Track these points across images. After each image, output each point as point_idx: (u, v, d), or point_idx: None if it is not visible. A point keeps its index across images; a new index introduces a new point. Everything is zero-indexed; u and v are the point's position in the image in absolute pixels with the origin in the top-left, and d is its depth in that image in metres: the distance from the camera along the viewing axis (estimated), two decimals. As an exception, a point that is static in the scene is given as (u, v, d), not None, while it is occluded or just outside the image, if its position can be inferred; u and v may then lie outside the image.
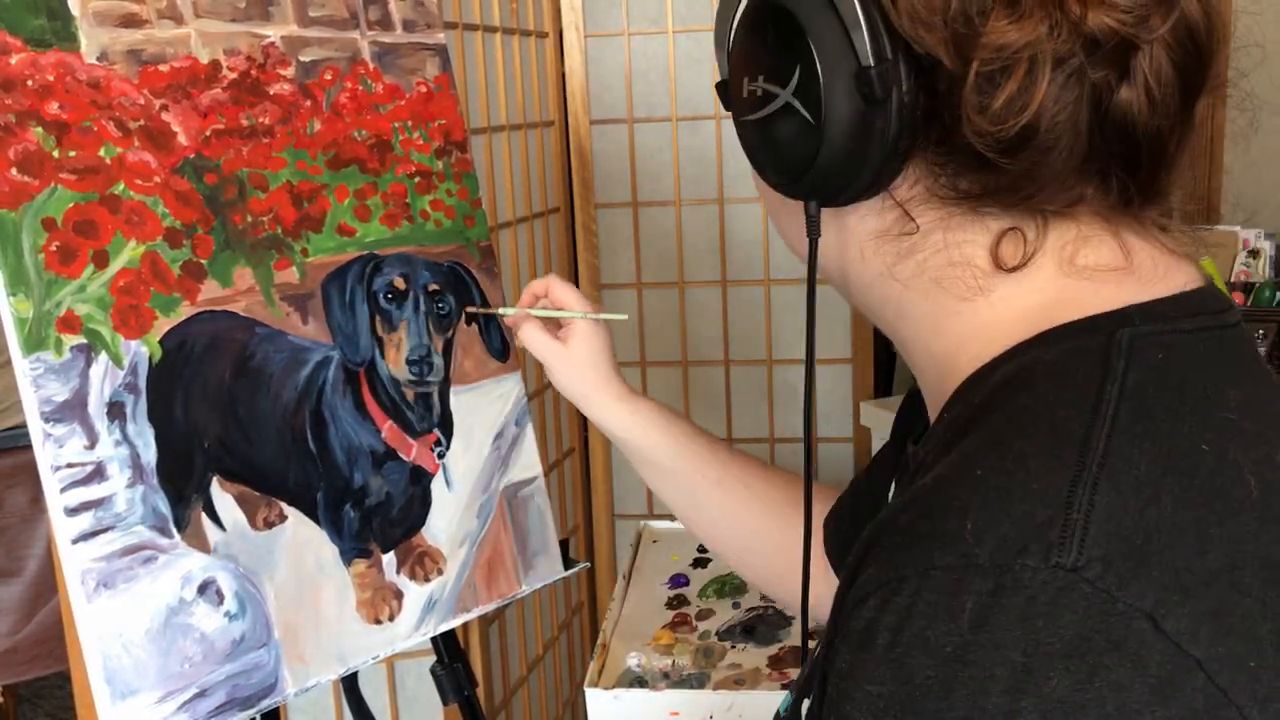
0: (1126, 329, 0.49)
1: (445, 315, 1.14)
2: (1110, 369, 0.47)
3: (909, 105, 0.49)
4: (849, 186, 0.53)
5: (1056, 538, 0.42)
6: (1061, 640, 0.40)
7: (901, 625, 0.43)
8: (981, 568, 0.42)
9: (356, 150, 1.10)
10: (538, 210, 2.04)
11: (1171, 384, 0.47)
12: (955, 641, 0.41)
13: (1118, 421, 0.45)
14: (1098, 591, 0.41)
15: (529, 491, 1.21)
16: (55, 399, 0.86)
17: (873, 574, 0.45)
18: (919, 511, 0.46)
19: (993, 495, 0.44)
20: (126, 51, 0.94)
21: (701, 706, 1.19)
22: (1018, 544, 0.42)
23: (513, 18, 1.95)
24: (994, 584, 0.41)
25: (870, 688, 0.43)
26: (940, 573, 0.43)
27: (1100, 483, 0.43)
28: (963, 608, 0.41)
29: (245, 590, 0.95)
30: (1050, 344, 0.50)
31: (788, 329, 2.24)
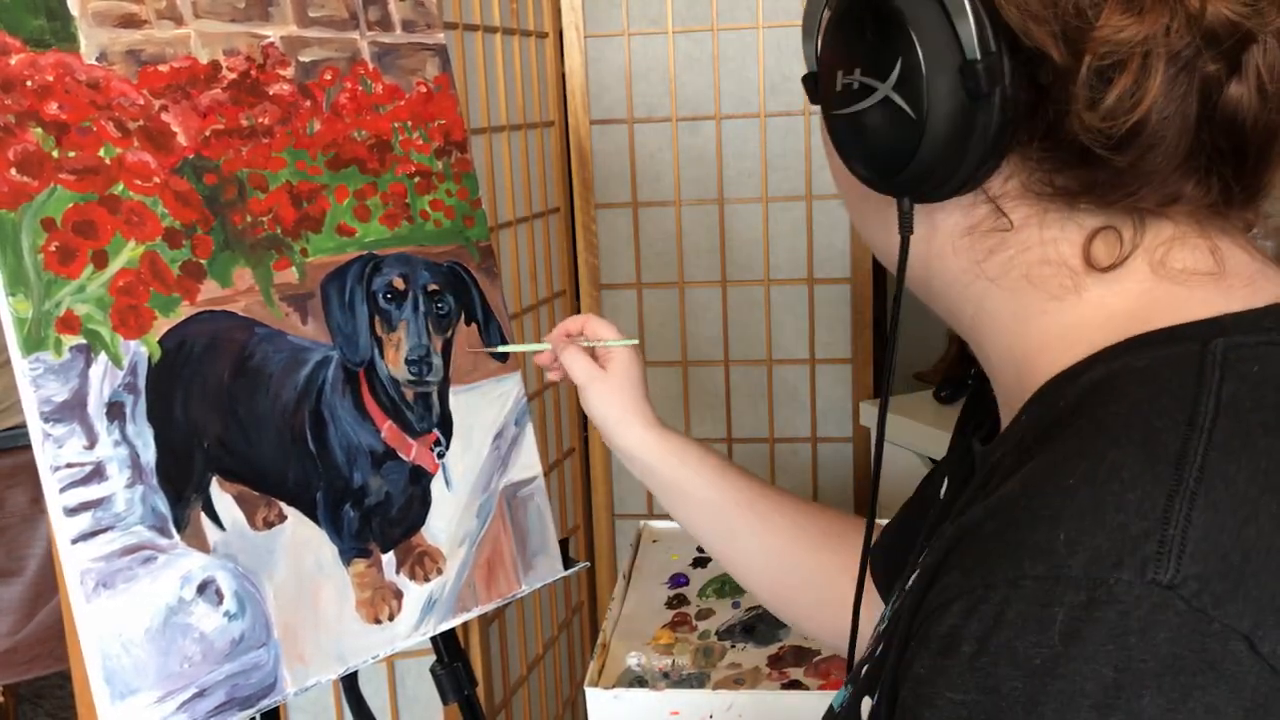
0: (1221, 339, 0.47)
1: (445, 315, 1.14)
2: (1205, 380, 0.46)
3: (1012, 100, 0.48)
4: (946, 183, 0.51)
5: (1153, 553, 0.41)
6: (1155, 658, 0.39)
7: (988, 634, 0.42)
8: (1074, 579, 0.41)
9: (356, 150, 1.10)
10: (538, 210, 2.04)
11: (1268, 400, 0.46)
12: (1045, 654, 0.40)
13: (1214, 436, 0.44)
14: (1193, 610, 0.40)
15: (529, 491, 1.21)
16: (55, 399, 0.86)
17: (957, 579, 0.44)
18: (1007, 519, 0.45)
19: (1087, 505, 0.43)
20: (126, 52, 0.94)
21: (701, 706, 1.19)
22: (1113, 557, 0.41)
23: (513, 18, 1.95)
24: (1087, 597, 0.40)
25: (952, 695, 0.42)
26: (1031, 583, 0.42)
27: (1198, 499, 0.42)
28: (1053, 619, 0.41)
29: (245, 590, 0.95)
30: (1141, 350, 0.49)
31: (788, 329, 2.24)
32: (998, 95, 0.48)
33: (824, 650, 1.26)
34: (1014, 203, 0.52)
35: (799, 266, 2.20)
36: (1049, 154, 0.50)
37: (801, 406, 2.26)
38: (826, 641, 0.94)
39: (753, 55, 2.12)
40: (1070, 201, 0.51)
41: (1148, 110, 0.46)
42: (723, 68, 2.14)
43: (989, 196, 0.53)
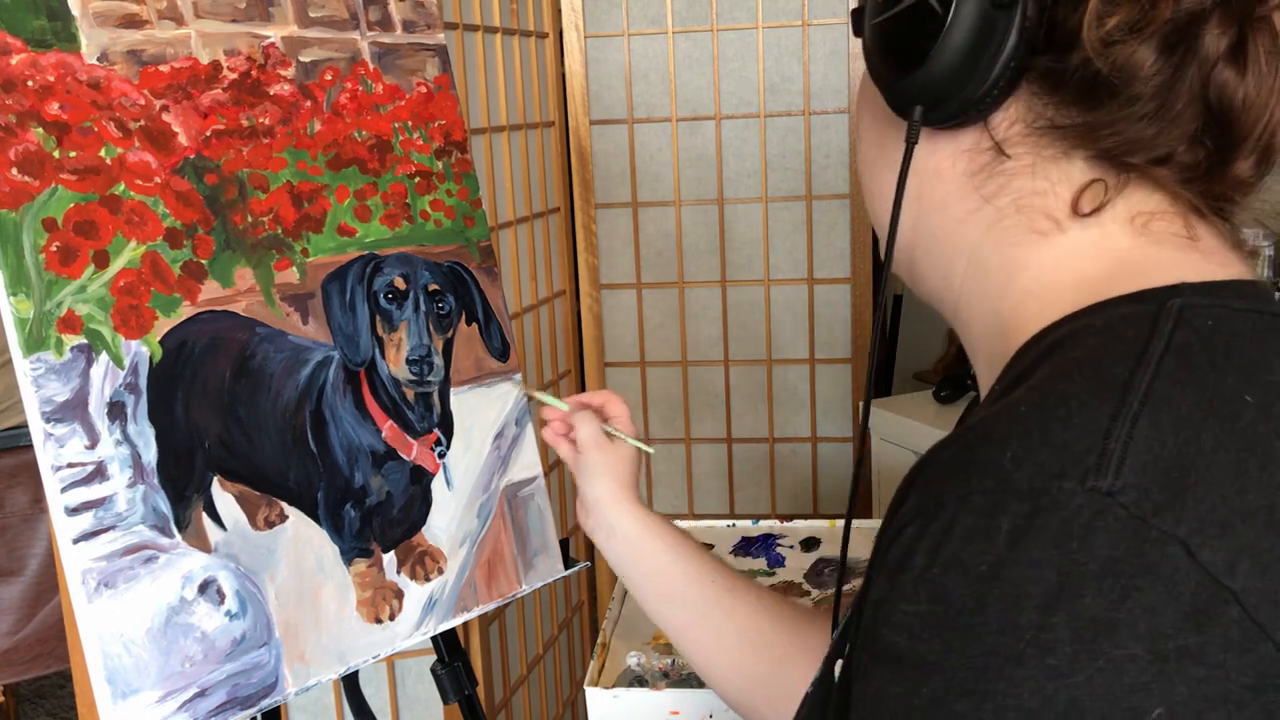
0: (1177, 300, 0.50)
1: (445, 315, 1.14)
2: (1157, 330, 0.48)
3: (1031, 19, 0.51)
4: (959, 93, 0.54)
5: (1094, 464, 0.43)
6: (1096, 561, 0.41)
7: (938, 547, 0.44)
8: (1019, 491, 0.43)
9: (357, 150, 1.10)
10: (538, 210, 2.04)
11: (1218, 346, 0.48)
12: (990, 560, 0.42)
13: (1161, 369, 0.46)
14: (1132, 517, 0.42)
15: (529, 491, 1.21)
16: (56, 399, 0.86)
17: (912, 504, 0.47)
18: (960, 445, 0.47)
19: (1034, 427, 0.45)
20: (127, 52, 0.94)
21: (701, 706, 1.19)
22: (1055, 468, 0.43)
23: (513, 18, 1.95)
24: (1031, 505, 0.42)
25: (906, 608, 0.44)
26: (978, 496, 0.44)
27: (1140, 419, 0.44)
28: (999, 529, 0.43)
29: (246, 589, 0.95)
30: (1102, 311, 0.52)
31: (787, 329, 2.24)
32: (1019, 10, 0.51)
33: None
34: (1014, 146, 0.55)
35: (799, 266, 2.20)
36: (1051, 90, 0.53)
37: (801, 406, 2.26)
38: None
39: (753, 55, 2.13)
40: (1068, 147, 0.54)
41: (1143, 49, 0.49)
42: (723, 68, 2.14)
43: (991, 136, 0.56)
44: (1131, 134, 0.52)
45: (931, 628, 0.43)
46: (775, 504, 2.31)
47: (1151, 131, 0.51)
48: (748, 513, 2.31)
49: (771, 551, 1.53)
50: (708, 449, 2.32)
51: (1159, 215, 0.54)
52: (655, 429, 2.30)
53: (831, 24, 2.09)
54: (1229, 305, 0.51)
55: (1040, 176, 0.55)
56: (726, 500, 2.33)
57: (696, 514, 2.34)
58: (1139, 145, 0.52)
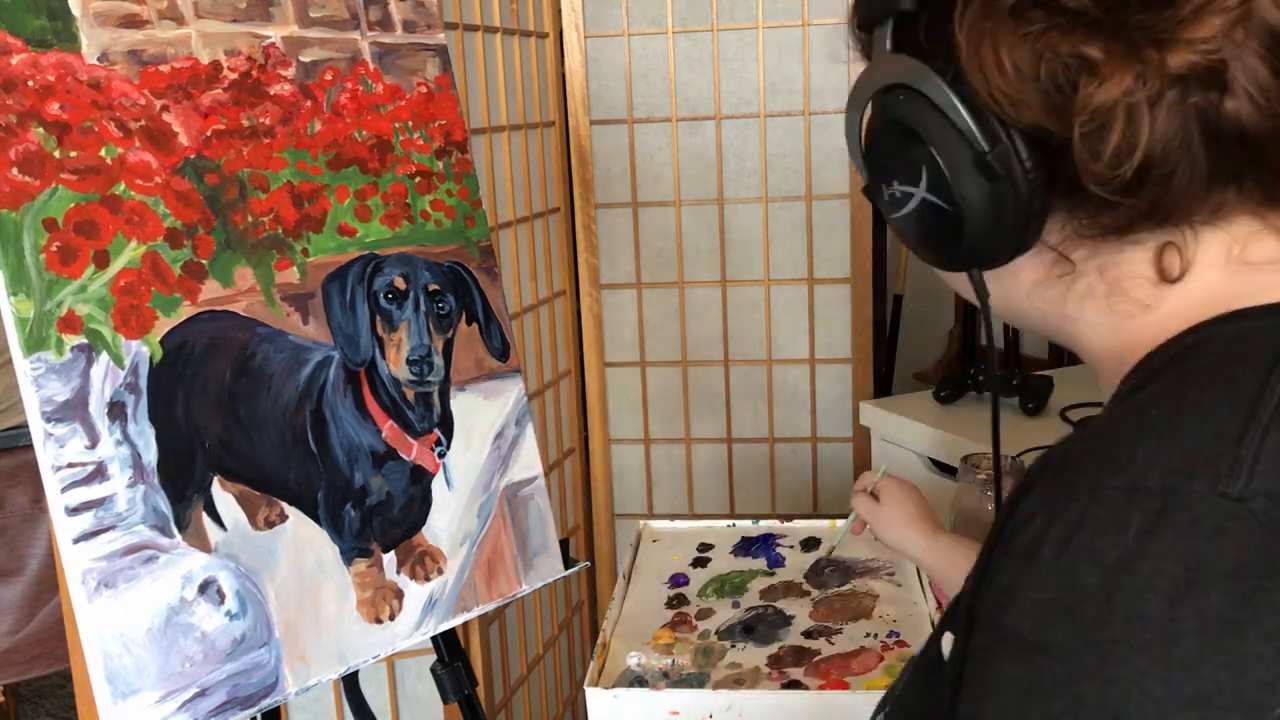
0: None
1: (445, 315, 1.14)
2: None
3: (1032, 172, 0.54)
4: (1001, 252, 0.57)
5: (1226, 469, 0.44)
6: (1224, 560, 0.42)
7: (1069, 537, 0.45)
8: (1150, 489, 0.44)
9: (357, 150, 1.10)
10: (538, 210, 2.04)
11: None
12: (1120, 553, 0.43)
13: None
14: (1260, 524, 0.43)
15: (529, 491, 1.21)
16: (56, 399, 0.86)
17: (1039, 494, 0.48)
18: (1089, 443, 0.49)
19: (1165, 430, 0.47)
20: (127, 52, 0.94)
21: (701, 706, 1.19)
22: (1186, 471, 0.44)
23: (513, 18, 1.95)
24: (1162, 503, 0.44)
25: (1034, 594, 0.45)
26: (1110, 491, 0.45)
27: (1271, 431, 0.45)
28: (1129, 522, 0.44)
29: (246, 590, 0.95)
30: (1229, 323, 0.53)
31: (787, 329, 2.24)
32: (1018, 172, 0.54)
33: (824, 650, 1.27)
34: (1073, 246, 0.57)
35: (799, 266, 2.20)
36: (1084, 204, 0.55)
37: (801, 406, 2.26)
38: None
39: (753, 55, 2.13)
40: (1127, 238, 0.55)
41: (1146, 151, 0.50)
42: (723, 68, 2.14)
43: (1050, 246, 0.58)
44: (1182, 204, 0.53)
45: (1059, 613, 0.44)
46: (775, 504, 2.31)
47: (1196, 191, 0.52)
48: (748, 513, 2.31)
49: (771, 551, 1.53)
50: (708, 449, 2.32)
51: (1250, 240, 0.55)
52: (655, 429, 2.30)
53: (831, 24, 2.09)
54: None
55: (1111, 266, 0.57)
56: (726, 500, 2.33)
57: (696, 514, 2.34)
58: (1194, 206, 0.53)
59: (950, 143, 0.55)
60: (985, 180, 0.55)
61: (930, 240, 0.60)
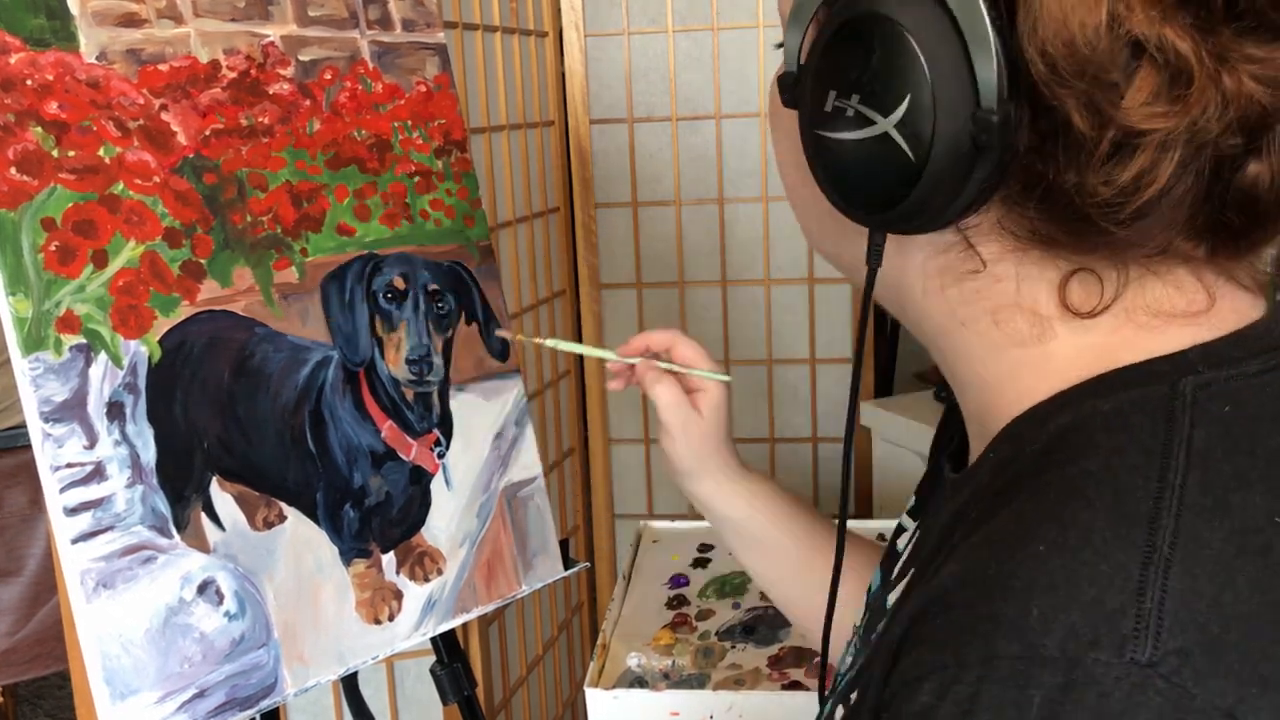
0: (1190, 378, 0.46)
1: (445, 315, 1.14)
2: (1175, 428, 0.44)
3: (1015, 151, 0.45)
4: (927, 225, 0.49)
5: (1130, 630, 0.39)
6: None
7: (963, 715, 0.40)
8: (1050, 660, 0.39)
9: (356, 150, 1.10)
10: (538, 210, 2.04)
11: (1241, 445, 0.44)
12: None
13: (1186, 494, 0.42)
14: (1174, 688, 0.39)
15: (529, 491, 1.20)
16: (54, 399, 0.86)
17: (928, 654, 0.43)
18: (978, 590, 0.43)
19: (1059, 577, 0.41)
20: (126, 51, 0.94)
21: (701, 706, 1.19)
22: (1089, 635, 0.40)
23: (513, 17, 1.95)
24: (1064, 679, 0.39)
25: None
26: (1006, 663, 0.40)
27: (1173, 565, 0.40)
28: (1030, 702, 0.39)
29: (245, 590, 0.95)
30: (1109, 393, 0.47)
31: (788, 329, 2.24)
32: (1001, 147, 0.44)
33: (824, 650, 1.26)
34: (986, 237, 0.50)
35: (799, 266, 2.20)
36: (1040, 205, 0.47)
37: (802, 406, 2.26)
38: None
39: (753, 55, 2.12)
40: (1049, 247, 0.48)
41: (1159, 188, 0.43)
42: (723, 68, 2.14)
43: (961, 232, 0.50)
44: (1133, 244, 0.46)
45: None
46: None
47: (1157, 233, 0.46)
48: (748, 513, 2.31)
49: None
50: (708, 449, 2.32)
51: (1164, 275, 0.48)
52: (655, 429, 2.30)
53: (832, 24, 2.09)
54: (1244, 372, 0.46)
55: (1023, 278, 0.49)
56: (726, 500, 2.33)
57: (696, 514, 2.33)
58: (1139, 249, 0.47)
59: (955, 82, 0.44)
60: (969, 141, 0.44)
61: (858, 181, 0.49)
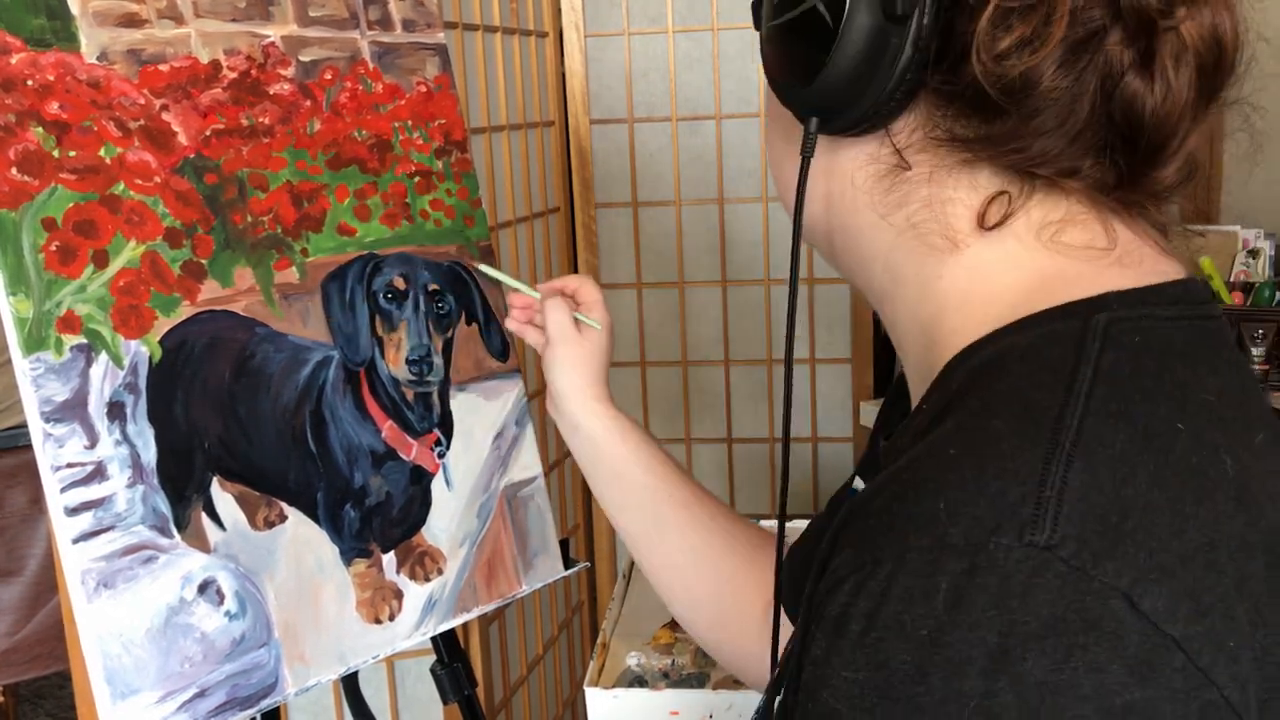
0: (1104, 314, 0.49)
1: (445, 315, 1.14)
2: (1084, 351, 0.47)
3: (926, 31, 0.50)
4: (851, 106, 0.53)
5: (1030, 515, 0.41)
6: (1037, 619, 0.40)
7: (876, 610, 0.42)
8: (955, 548, 0.42)
9: (356, 150, 1.10)
10: (538, 210, 2.04)
11: (1148, 367, 0.47)
12: (930, 624, 0.41)
13: (1091, 402, 0.45)
14: (1072, 570, 0.40)
15: (529, 491, 1.21)
16: (55, 399, 0.86)
17: (848, 557, 0.45)
18: (892, 494, 0.46)
19: (967, 474, 0.44)
20: (126, 51, 0.94)
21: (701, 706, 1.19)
22: (991, 522, 0.42)
23: (513, 18, 1.95)
24: (969, 563, 0.41)
25: (847, 674, 0.43)
26: (915, 554, 0.42)
27: (1074, 460, 0.43)
28: (937, 589, 0.41)
29: (245, 590, 0.95)
30: (1026, 330, 0.50)
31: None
32: (913, 23, 0.49)
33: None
34: (916, 153, 0.54)
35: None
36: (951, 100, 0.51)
37: (801, 406, 2.26)
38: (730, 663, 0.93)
39: (753, 55, 2.12)
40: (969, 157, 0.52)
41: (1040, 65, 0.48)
42: (723, 68, 2.14)
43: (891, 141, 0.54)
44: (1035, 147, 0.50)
45: (873, 696, 0.42)
46: (775, 504, 2.31)
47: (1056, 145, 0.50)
48: (748, 513, 2.31)
49: (772, 552, 1.53)
50: (708, 449, 2.32)
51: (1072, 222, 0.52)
52: (655, 429, 2.30)
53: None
54: (1156, 315, 0.49)
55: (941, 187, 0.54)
56: (727, 500, 2.33)
57: (696, 514, 2.33)
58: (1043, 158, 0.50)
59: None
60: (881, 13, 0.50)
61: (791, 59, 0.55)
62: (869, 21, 0.50)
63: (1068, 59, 0.48)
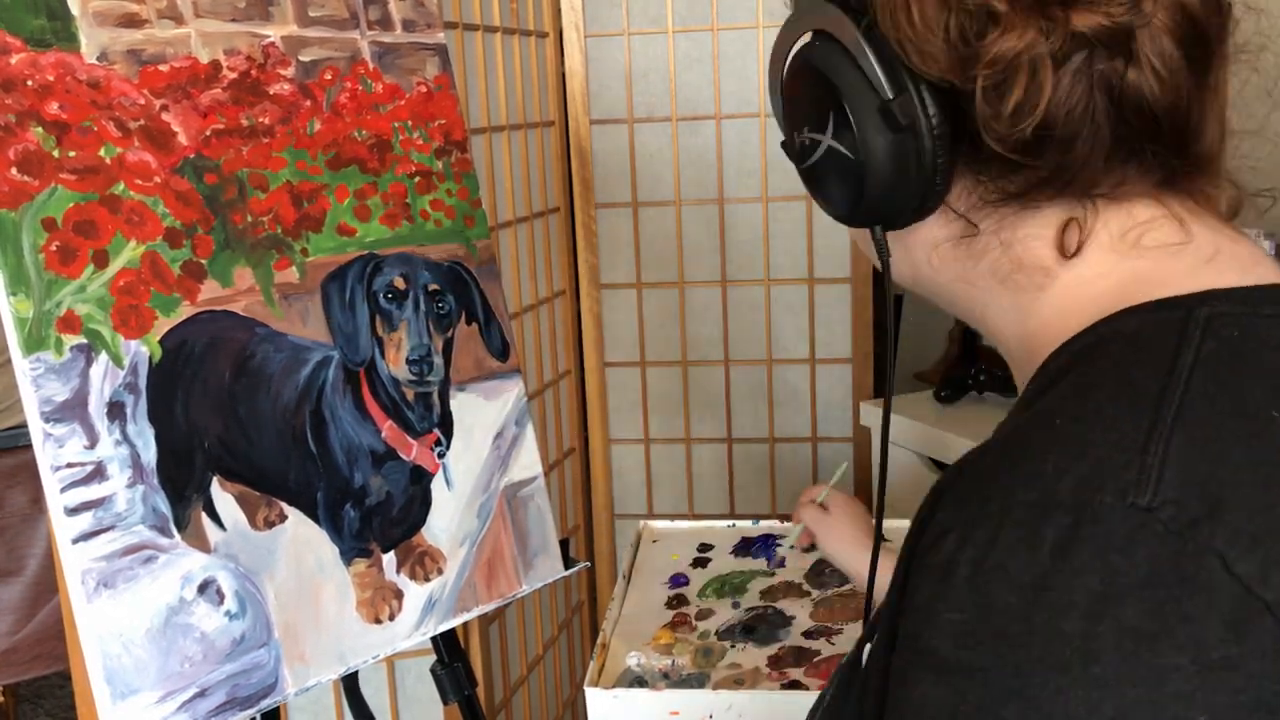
0: (1206, 307, 0.51)
1: (445, 315, 1.14)
2: (1187, 338, 0.49)
3: (936, 126, 0.54)
4: (902, 208, 0.57)
5: (1134, 479, 0.44)
6: (1137, 572, 0.42)
7: (984, 557, 0.45)
8: (1062, 504, 0.44)
9: (356, 150, 1.10)
10: (538, 210, 2.04)
11: (1246, 356, 0.49)
12: (1035, 571, 0.43)
13: (1192, 383, 0.47)
14: (1170, 533, 0.43)
15: (529, 491, 1.21)
16: (55, 399, 0.86)
17: (952, 511, 0.48)
18: (999, 455, 0.49)
19: (1072, 440, 0.46)
20: (126, 51, 0.94)
21: (701, 706, 1.19)
22: (1097, 482, 0.44)
23: (513, 18, 1.95)
24: (1074, 518, 0.43)
25: (950, 615, 0.45)
26: (1021, 508, 0.45)
27: (1175, 434, 0.45)
28: (1043, 539, 0.43)
29: (245, 590, 0.95)
30: (1130, 318, 0.53)
31: (788, 329, 2.24)
32: (921, 125, 0.54)
33: (824, 650, 1.26)
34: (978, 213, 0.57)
35: (799, 266, 2.20)
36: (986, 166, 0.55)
37: (801, 406, 2.26)
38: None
39: (753, 55, 2.12)
40: (1024, 202, 0.55)
41: (1048, 113, 0.51)
42: (723, 68, 2.14)
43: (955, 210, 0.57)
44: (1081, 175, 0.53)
45: (977, 635, 0.44)
46: (775, 504, 2.31)
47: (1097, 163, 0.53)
48: (748, 513, 2.31)
49: (771, 551, 1.53)
50: (708, 449, 2.32)
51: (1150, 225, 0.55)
52: (655, 429, 2.30)
53: (832, 24, 2.09)
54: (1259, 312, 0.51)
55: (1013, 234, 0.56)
56: (726, 500, 2.33)
57: (696, 514, 2.33)
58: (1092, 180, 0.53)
59: (857, 89, 0.55)
60: (888, 130, 0.55)
61: (834, 191, 0.60)
62: (881, 140, 0.55)
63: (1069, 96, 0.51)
